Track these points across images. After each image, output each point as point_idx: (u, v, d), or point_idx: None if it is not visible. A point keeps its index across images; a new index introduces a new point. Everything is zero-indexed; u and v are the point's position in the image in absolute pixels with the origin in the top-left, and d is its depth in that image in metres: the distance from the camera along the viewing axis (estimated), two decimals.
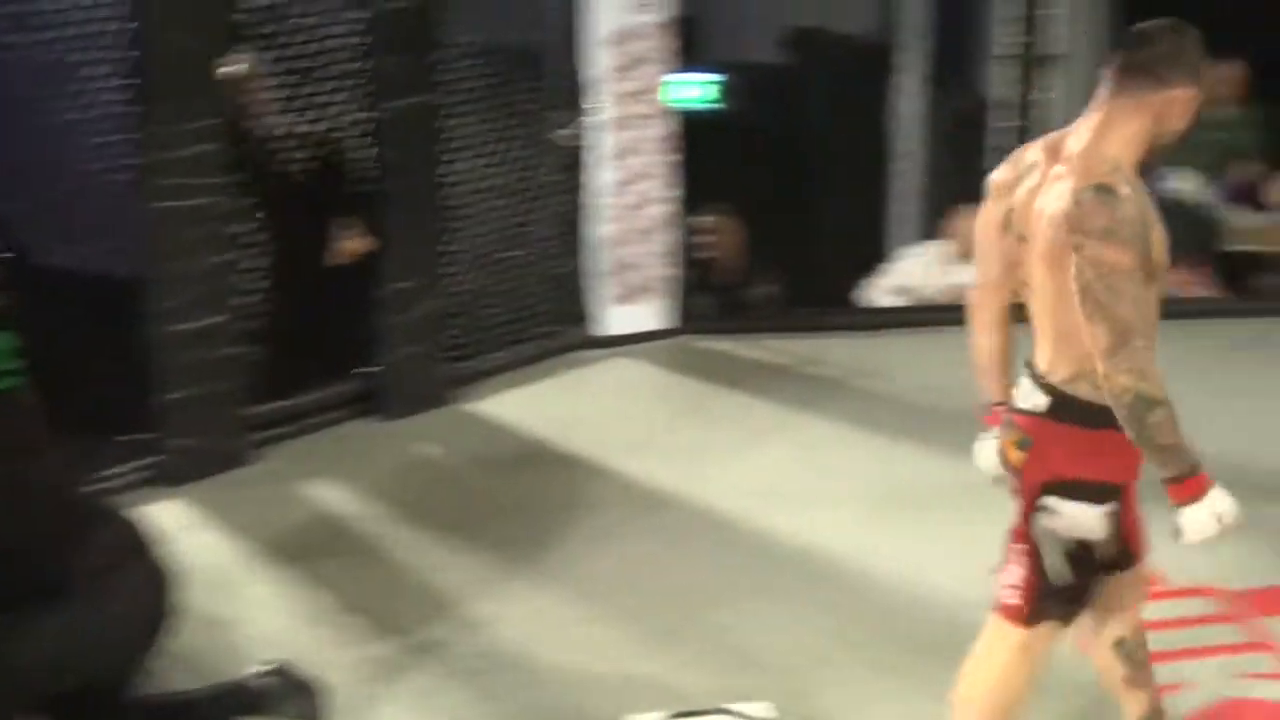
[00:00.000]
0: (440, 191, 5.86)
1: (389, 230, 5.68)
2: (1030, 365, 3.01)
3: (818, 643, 3.99)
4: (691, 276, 6.95)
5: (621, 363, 6.48)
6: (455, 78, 5.90)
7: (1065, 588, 2.95)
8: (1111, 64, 2.89)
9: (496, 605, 4.23)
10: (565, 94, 6.41)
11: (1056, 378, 2.91)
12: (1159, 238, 2.81)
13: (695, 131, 6.84)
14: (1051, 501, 2.91)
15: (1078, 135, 2.91)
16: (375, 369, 5.74)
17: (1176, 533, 2.81)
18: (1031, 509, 2.94)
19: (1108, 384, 2.74)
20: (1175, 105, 2.86)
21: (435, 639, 4.05)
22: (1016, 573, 3.00)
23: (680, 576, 4.40)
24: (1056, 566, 2.93)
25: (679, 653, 3.95)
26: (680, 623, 4.11)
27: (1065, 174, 2.84)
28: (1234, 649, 3.92)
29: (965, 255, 7.14)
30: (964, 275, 7.12)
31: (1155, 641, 3.88)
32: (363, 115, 5.61)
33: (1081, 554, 2.94)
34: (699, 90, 7.96)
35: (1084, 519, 2.91)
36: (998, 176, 3.05)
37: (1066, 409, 2.89)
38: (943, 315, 7.04)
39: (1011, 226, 2.99)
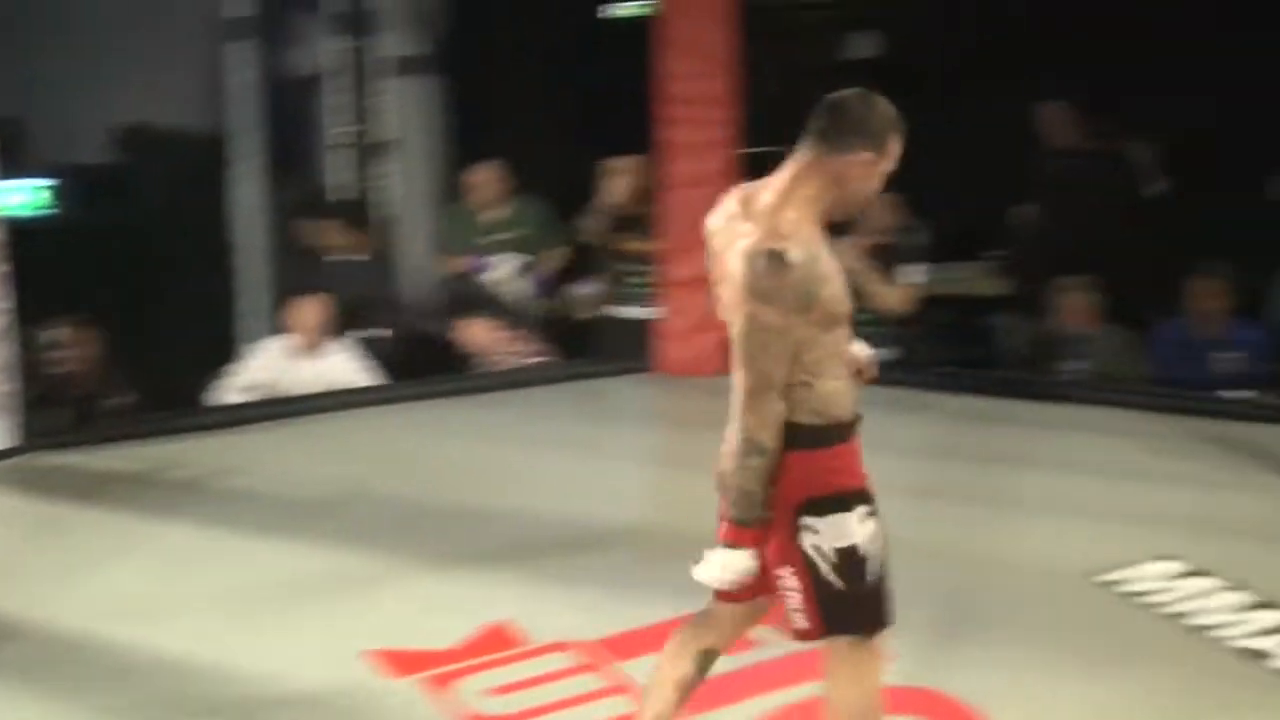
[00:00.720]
0: None
1: None
2: None
3: None
4: (40, 390, 6.59)
5: None
6: None
7: (843, 596, 3.07)
8: (805, 128, 3.08)
9: None
10: None
11: None
12: (833, 292, 3.01)
13: (30, 240, 6.47)
14: (809, 521, 3.05)
15: (768, 190, 3.08)
16: None
17: (696, 565, 3.08)
18: (793, 532, 3.06)
19: (739, 419, 2.99)
20: (855, 169, 3.07)
21: None
22: (796, 597, 3.11)
23: (34, 710, 4.12)
24: (830, 576, 3.06)
25: None
26: None
27: (749, 231, 3.01)
28: (596, 696, 4.08)
29: (308, 346, 7.15)
30: (311, 366, 7.16)
31: (526, 699, 4.05)
32: None
33: (850, 561, 3.07)
34: (26, 196, 7.60)
35: (844, 527, 3.06)
36: (709, 225, 3.20)
37: (795, 437, 3.05)
38: (296, 407, 7.05)
39: (716, 272, 3.16)
